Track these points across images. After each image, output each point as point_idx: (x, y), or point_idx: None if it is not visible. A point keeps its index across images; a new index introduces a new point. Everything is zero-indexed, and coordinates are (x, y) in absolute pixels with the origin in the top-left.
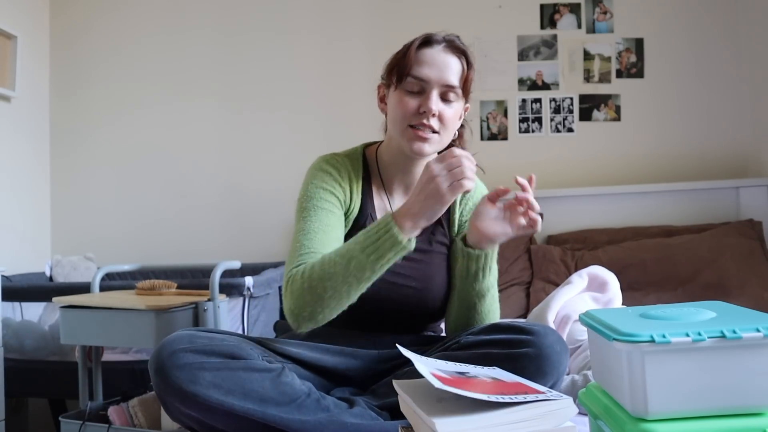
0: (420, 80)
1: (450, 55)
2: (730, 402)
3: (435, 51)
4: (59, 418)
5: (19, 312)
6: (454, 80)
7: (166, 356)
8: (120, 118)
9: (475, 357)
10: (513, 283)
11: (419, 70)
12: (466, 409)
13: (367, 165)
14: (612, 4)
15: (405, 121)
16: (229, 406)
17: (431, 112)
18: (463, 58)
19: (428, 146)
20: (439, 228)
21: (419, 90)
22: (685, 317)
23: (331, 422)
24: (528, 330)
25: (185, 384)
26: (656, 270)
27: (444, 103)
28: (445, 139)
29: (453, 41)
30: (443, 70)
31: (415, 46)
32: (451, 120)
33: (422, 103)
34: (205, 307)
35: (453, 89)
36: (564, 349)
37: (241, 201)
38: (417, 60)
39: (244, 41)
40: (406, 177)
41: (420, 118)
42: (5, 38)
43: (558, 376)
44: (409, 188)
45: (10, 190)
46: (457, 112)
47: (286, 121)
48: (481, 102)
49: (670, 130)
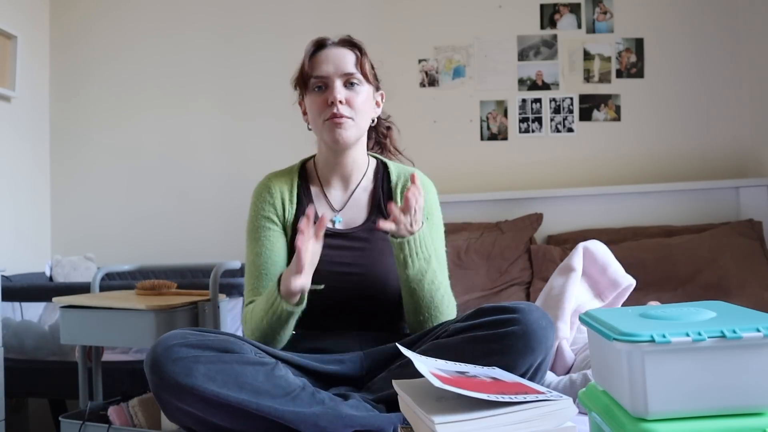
0: (321, 77)
1: (341, 49)
2: (730, 402)
3: (327, 50)
4: (59, 418)
5: (19, 312)
6: (351, 68)
7: (161, 351)
8: (120, 118)
9: (464, 341)
10: (513, 283)
11: (318, 69)
12: (466, 409)
13: (306, 173)
14: (612, 4)
15: (320, 117)
16: (224, 397)
17: (337, 100)
18: (355, 48)
19: (345, 131)
20: (382, 216)
21: (324, 87)
22: (685, 317)
23: (327, 414)
24: (512, 309)
25: (180, 377)
26: (656, 270)
27: (349, 89)
28: (361, 123)
29: (342, 37)
30: (338, 62)
31: (308, 53)
32: (362, 104)
33: (328, 95)
34: (205, 307)
35: (352, 75)
36: (549, 324)
37: (241, 201)
38: (314, 63)
39: (244, 42)
40: (340, 169)
41: (331, 109)
42: (5, 38)
43: (546, 351)
44: (345, 180)
45: (10, 190)
46: (368, 96)
47: (285, 122)
48: (481, 102)
49: (670, 130)
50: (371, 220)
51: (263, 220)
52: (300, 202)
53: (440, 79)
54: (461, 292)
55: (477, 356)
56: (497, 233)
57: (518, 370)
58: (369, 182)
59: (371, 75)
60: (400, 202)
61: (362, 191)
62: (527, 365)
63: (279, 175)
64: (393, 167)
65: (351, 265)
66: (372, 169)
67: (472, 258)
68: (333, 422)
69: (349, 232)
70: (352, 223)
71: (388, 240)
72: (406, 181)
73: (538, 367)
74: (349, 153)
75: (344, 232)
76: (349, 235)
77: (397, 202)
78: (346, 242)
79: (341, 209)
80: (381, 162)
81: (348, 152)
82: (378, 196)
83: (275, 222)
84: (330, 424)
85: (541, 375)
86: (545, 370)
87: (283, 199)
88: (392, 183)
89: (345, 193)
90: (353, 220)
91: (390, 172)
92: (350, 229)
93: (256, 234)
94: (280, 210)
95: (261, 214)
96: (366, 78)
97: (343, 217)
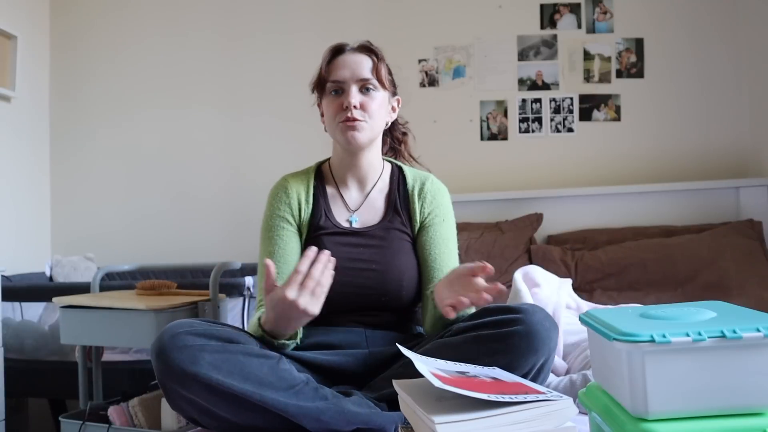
0: (338, 82)
1: (359, 54)
2: (730, 402)
3: (345, 55)
4: (59, 418)
5: (19, 312)
6: (367, 74)
7: (167, 339)
8: (120, 118)
9: (467, 340)
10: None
11: (335, 74)
12: (467, 408)
13: (321, 174)
14: (612, 4)
15: (335, 119)
16: (228, 386)
17: (352, 105)
18: (372, 54)
19: (359, 133)
20: (397, 217)
21: (340, 91)
22: (685, 317)
23: (329, 409)
24: (516, 309)
25: (186, 365)
26: (656, 270)
27: (364, 94)
28: (375, 127)
29: (360, 43)
30: (355, 68)
31: (327, 58)
32: (376, 108)
33: (344, 99)
34: (205, 307)
35: (368, 81)
36: (553, 325)
37: (241, 201)
38: (332, 68)
39: (245, 43)
40: (356, 171)
41: (345, 113)
42: (5, 38)
43: (549, 352)
44: (361, 181)
45: (10, 190)
46: (382, 101)
47: (286, 122)
48: (481, 102)
49: (670, 130)
50: (387, 220)
51: (278, 220)
52: (316, 202)
53: (440, 79)
54: None
55: (480, 355)
56: (497, 233)
57: (521, 370)
58: (385, 185)
59: (387, 81)
60: (417, 204)
61: (378, 193)
62: (530, 365)
63: (295, 176)
64: (408, 171)
65: (367, 261)
66: (387, 173)
67: (472, 258)
68: (335, 418)
69: (366, 231)
70: (367, 223)
71: (404, 239)
72: (422, 185)
73: (540, 368)
74: (363, 155)
75: (361, 231)
76: (365, 233)
77: (413, 204)
78: (363, 240)
79: (357, 209)
80: (396, 166)
81: (362, 154)
82: (394, 198)
83: (290, 222)
84: (332, 419)
85: (543, 376)
86: (548, 371)
87: (299, 199)
88: (408, 186)
89: (361, 194)
90: (369, 220)
91: (406, 176)
92: (367, 228)
93: (271, 233)
94: (296, 210)
95: (277, 213)
96: (381, 83)
97: (359, 217)
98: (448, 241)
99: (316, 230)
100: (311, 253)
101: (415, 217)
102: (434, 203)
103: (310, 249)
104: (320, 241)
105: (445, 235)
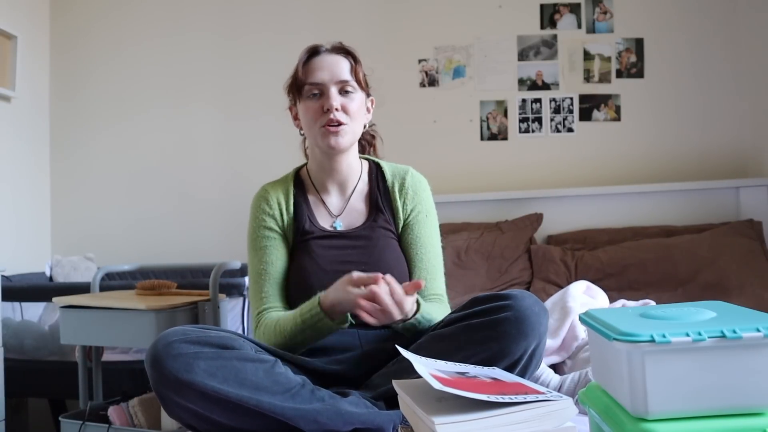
0: (316, 84)
1: (336, 56)
2: (730, 402)
3: (322, 56)
4: (59, 418)
5: (19, 312)
6: (346, 75)
7: (161, 347)
8: (120, 118)
9: (459, 330)
10: (513, 283)
11: (313, 76)
12: (466, 409)
13: (300, 181)
14: (612, 4)
15: (316, 123)
16: (224, 393)
17: (334, 108)
18: (349, 56)
19: (341, 138)
20: (380, 215)
21: (319, 93)
22: (685, 317)
23: (326, 410)
24: (505, 296)
25: (181, 373)
26: (656, 270)
27: (344, 96)
28: (356, 129)
29: (336, 44)
30: (333, 69)
31: (303, 60)
32: (356, 110)
33: (324, 102)
34: (205, 307)
35: (347, 83)
36: (542, 310)
37: (241, 201)
38: (309, 69)
39: (245, 43)
40: (336, 175)
41: (327, 116)
42: (5, 38)
43: (539, 337)
44: (341, 185)
45: (10, 190)
46: (361, 103)
47: (286, 123)
48: (481, 102)
49: (670, 130)
50: (371, 219)
51: (264, 230)
52: (298, 209)
53: (440, 79)
54: (461, 291)
55: (472, 343)
56: (497, 233)
57: (513, 356)
58: (365, 185)
59: (364, 82)
60: (399, 202)
61: (359, 195)
62: (521, 351)
63: (275, 185)
64: (386, 167)
65: (356, 262)
66: (366, 172)
67: (472, 258)
68: (333, 419)
69: (351, 232)
70: (352, 225)
71: (389, 237)
72: (402, 180)
73: (533, 353)
74: (343, 158)
75: (346, 232)
76: (351, 234)
77: (395, 201)
78: (350, 242)
79: (340, 215)
80: (373, 162)
81: (342, 157)
82: (375, 197)
83: (275, 230)
84: (330, 420)
85: (536, 361)
86: (540, 356)
87: (281, 208)
88: (388, 183)
89: (342, 198)
90: (353, 223)
91: (384, 172)
92: (351, 229)
93: (259, 244)
94: (279, 219)
95: (262, 224)
96: (360, 85)
97: (343, 221)
98: (431, 237)
99: (302, 234)
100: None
101: (398, 215)
102: (416, 199)
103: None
104: (308, 245)
105: (429, 232)
